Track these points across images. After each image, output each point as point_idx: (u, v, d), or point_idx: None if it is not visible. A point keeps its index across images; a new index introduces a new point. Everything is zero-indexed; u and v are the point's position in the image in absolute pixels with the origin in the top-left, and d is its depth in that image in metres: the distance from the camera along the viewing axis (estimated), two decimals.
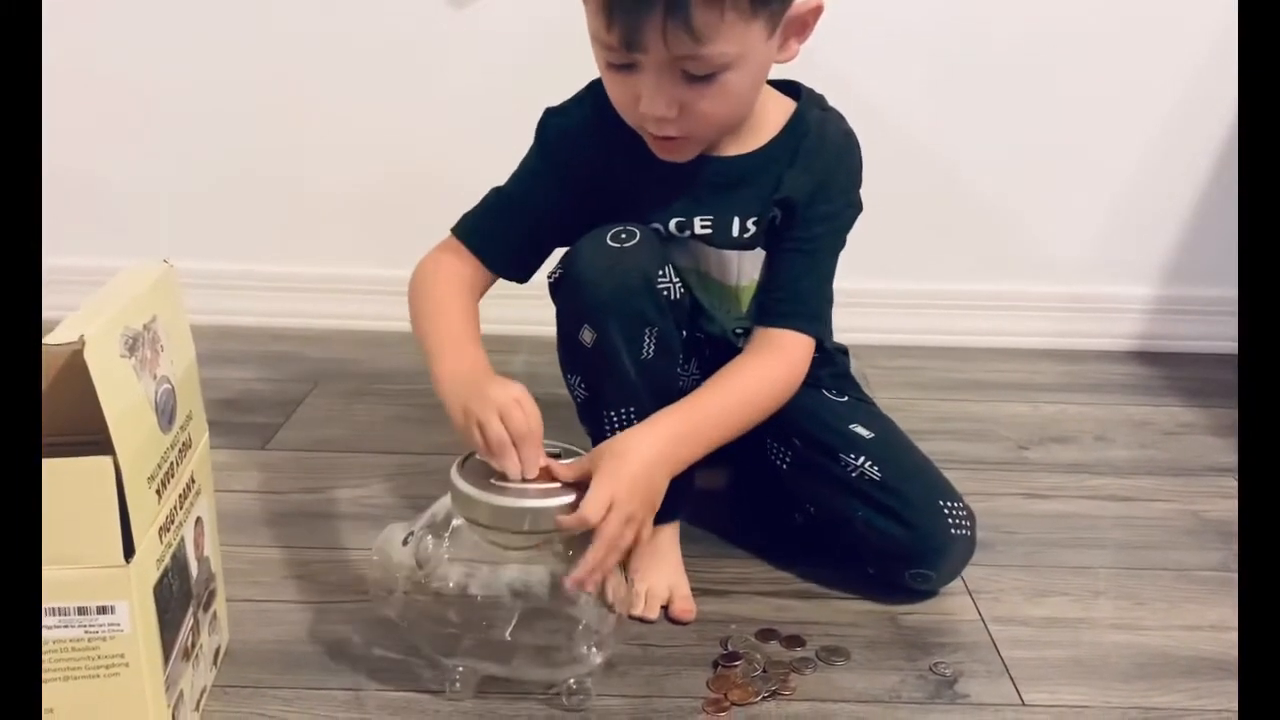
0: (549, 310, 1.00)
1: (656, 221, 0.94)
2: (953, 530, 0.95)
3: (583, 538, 0.80)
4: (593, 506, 0.78)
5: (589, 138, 0.95)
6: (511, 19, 1.52)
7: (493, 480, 0.80)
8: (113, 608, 0.65)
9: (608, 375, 0.91)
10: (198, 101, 1.57)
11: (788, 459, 1.01)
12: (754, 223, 0.95)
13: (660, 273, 0.92)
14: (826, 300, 0.98)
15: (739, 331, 0.99)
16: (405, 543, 0.83)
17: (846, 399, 1.04)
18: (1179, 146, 1.60)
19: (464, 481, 0.79)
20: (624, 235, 0.91)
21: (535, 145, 0.99)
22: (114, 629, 0.66)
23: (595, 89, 0.94)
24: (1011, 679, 0.88)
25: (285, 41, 1.54)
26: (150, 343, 0.70)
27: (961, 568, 0.99)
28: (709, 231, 0.95)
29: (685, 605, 0.94)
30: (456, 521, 0.81)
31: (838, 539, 1.00)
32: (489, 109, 1.55)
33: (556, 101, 0.99)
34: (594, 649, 0.83)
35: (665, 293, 0.92)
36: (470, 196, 0.98)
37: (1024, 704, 0.86)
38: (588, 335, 0.91)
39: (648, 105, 0.85)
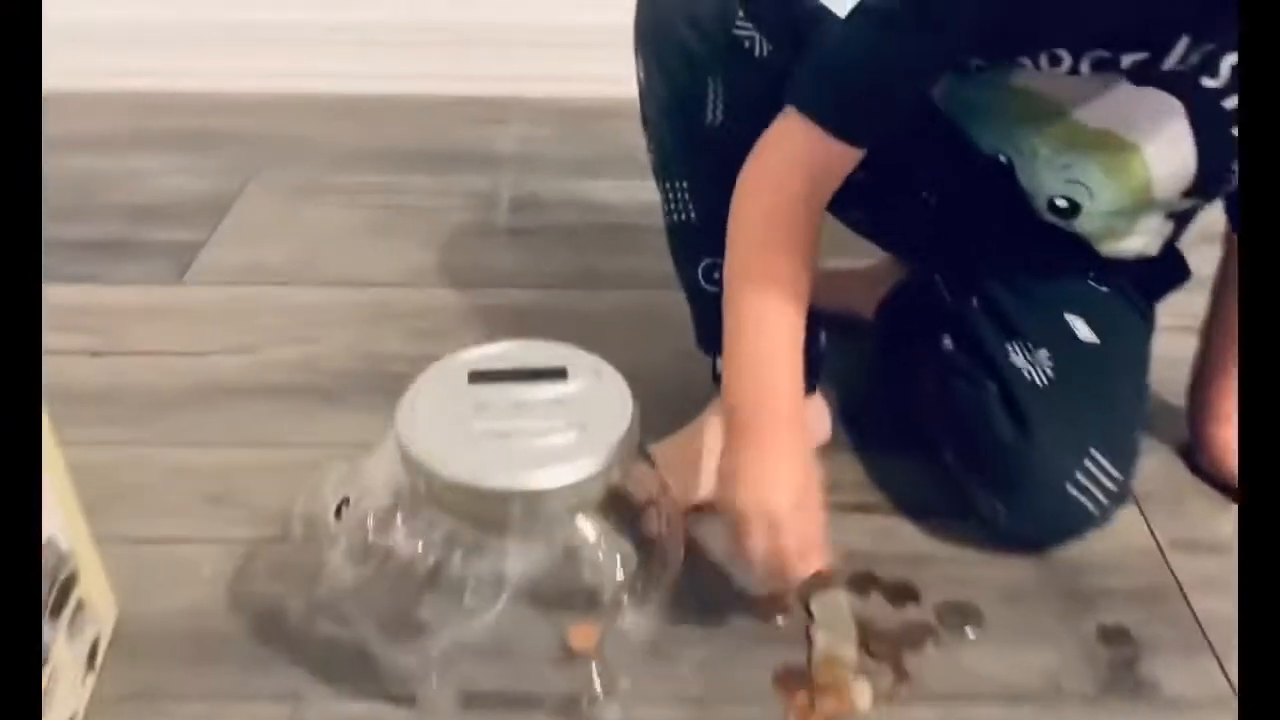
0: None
1: (1063, 48, 0.64)
2: (1071, 489, 0.67)
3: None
4: None
5: None
6: None
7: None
8: None
9: (667, 131, 0.72)
10: None
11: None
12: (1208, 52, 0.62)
13: (740, 15, 0.69)
14: None
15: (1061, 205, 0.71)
16: (339, 514, 0.55)
17: (1107, 289, 0.77)
18: None
19: (424, 447, 0.52)
20: None
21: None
22: None
23: None
24: (1215, 654, 0.63)
25: None
26: None
27: (1059, 539, 0.70)
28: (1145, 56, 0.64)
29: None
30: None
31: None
32: None
33: None
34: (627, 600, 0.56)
35: (747, 44, 0.69)
36: None
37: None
38: (640, 71, 0.72)
39: None
